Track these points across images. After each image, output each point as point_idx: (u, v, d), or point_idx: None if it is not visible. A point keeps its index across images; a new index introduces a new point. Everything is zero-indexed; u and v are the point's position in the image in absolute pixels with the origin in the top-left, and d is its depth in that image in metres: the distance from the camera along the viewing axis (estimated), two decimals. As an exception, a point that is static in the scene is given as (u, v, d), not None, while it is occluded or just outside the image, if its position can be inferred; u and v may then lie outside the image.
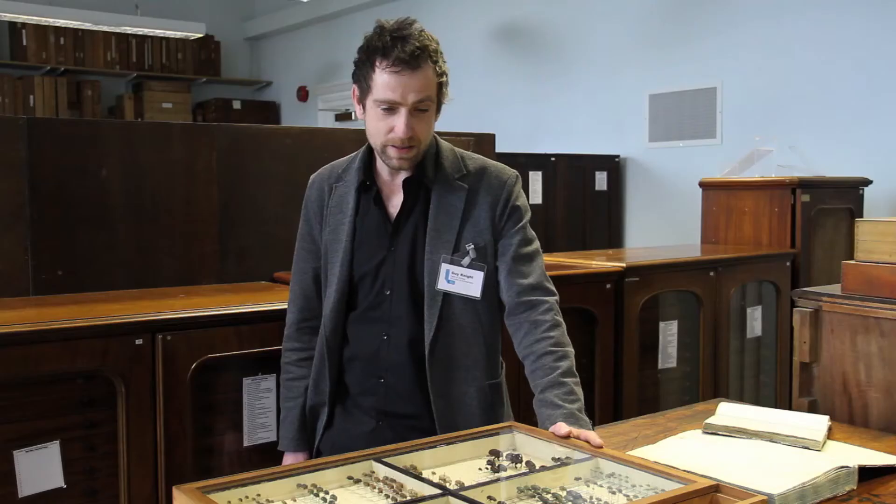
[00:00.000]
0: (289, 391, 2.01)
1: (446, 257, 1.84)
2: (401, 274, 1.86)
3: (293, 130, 3.34)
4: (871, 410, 1.99)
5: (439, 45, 1.82)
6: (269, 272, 2.97)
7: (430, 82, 1.78)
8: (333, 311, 1.89)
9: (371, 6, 7.62)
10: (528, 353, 1.82)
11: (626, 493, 1.39)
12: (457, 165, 1.90)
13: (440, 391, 1.84)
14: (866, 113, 4.53)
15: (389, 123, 1.78)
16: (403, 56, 1.73)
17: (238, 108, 8.94)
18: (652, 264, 3.30)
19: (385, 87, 1.75)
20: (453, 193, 1.87)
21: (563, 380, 1.74)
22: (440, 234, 1.85)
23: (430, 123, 1.83)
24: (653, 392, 3.34)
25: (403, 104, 1.76)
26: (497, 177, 1.91)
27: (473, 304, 1.85)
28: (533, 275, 1.87)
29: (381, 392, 1.88)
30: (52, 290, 2.68)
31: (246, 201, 3.13)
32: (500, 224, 1.88)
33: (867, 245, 2.02)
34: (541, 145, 6.06)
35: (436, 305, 1.83)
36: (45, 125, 2.87)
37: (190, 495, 1.26)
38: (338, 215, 1.92)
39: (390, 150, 1.81)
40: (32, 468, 1.91)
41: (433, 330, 1.83)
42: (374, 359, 1.88)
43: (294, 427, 1.99)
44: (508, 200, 1.89)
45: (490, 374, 1.91)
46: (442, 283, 1.83)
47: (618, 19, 5.79)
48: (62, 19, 7.02)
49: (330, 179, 1.96)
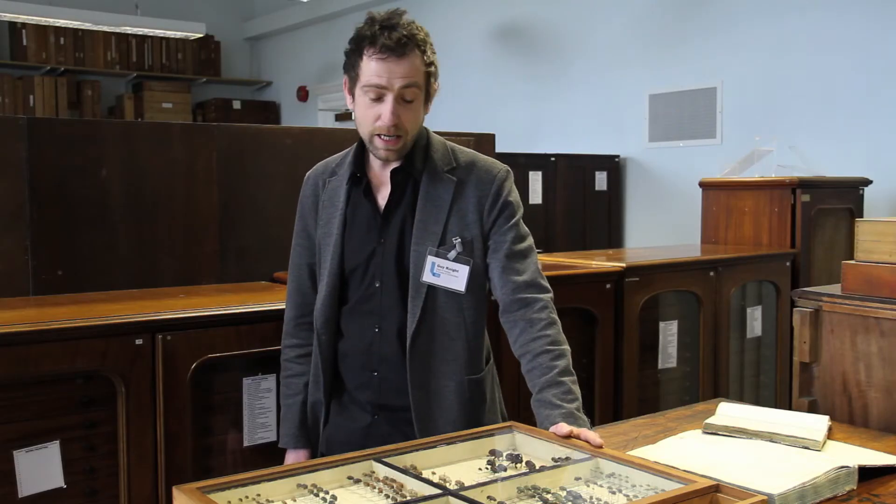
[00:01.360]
0: (288, 388, 2.02)
1: (432, 249, 1.83)
2: (389, 266, 1.86)
3: (293, 130, 3.34)
4: (871, 410, 1.99)
5: (429, 36, 1.83)
6: (269, 272, 2.97)
7: (416, 70, 1.79)
8: (324, 305, 1.90)
9: (371, 6, 7.62)
10: (524, 351, 1.81)
11: (626, 493, 1.39)
12: (447, 158, 1.90)
13: (418, 383, 1.84)
14: (866, 113, 4.53)
15: (376, 111, 1.79)
16: (390, 43, 1.75)
17: (238, 108, 8.94)
18: (652, 264, 3.30)
19: (372, 73, 1.77)
20: (441, 185, 1.87)
21: (561, 379, 1.74)
22: (427, 225, 1.85)
23: (416, 113, 1.83)
24: (653, 392, 3.34)
25: (389, 90, 1.77)
26: (487, 171, 1.90)
27: (458, 299, 1.85)
28: (527, 272, 1.87)
29: (376, 386, 1.88)
30: (52, 290, 2.68)
31: (246, 201, 3.13)
32: (488, 219, 1.87)
33: (867, 245, 2.02)
34: (541, 145, 6.06)
35: (419, 297, 1.83)
36: (45, 125, 2.87)
37: (190, 495, 1.26)
38: (329, 209, 1.93)
39: (377, 141, 1.82)
40: (32, 468, 1.91)
41: (415, 322, 1.82)
42: (368, 352, 1.88)
43: (294, 424, 1.99)
44: (499, 195, 1.88)
45: (471, 369, 1.90)
46: (427, 275, 1.83)
47: (618, 19, 5.79)
48: (62, 19, 7.02)
49: (324, 175, 1.98)
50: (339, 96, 8.44)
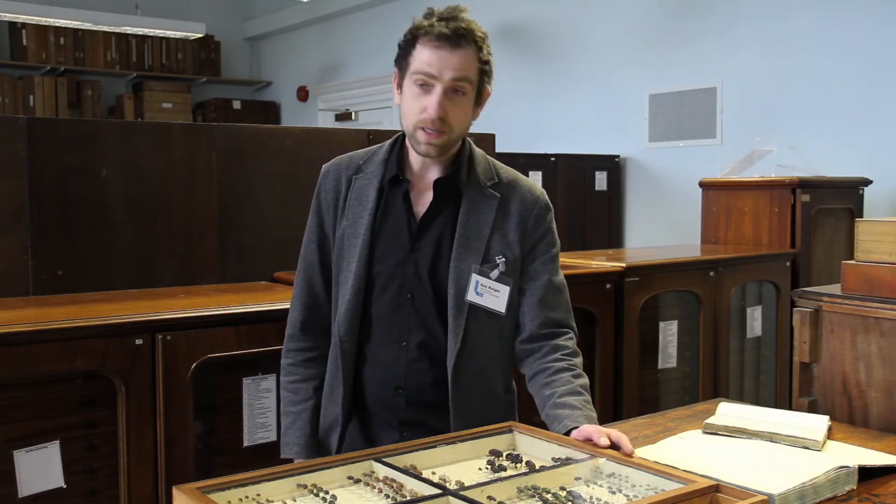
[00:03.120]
0: (296, 394, 1.87)
1: (476, 267, 1.75)
2: (423, 278, 1.76)
3: (293, 130, 3.35)
4: (871, 410, 1.99)
5: (488, 37, 1.77)
6: (269, 272, 2.97)
7: (470, 64, 1.71)
8: (349, 311, 1.78)
9: (371, 6, 7.63)
10: (543, 368, 1.75)
11: (626, 493, 1.39)
12: (489, 173, 1.82)
13: (460, 405, 1.75)
14: (866, 113, 4.53)
15: (423, 103, 1.70)
16: (446, 32, 1.68)
17: (238, 108, 8.94)
18: (652, 264, 3.30)
19: (423, 61, 1.69)
20: (485, 201, 1.79)
21: (582, 391, 1.70)
22: (469, 240, 1.76)
23: (465, 110, 1.74)
24: (653, 392, 3.34)
25: (439, 80, 1.69)
26: (530, 191, 1.83)
27: (497, 319, 1.78)
28: (560, 308, 1.82)
29: (401, 403, 1.78)
30: (52, 290, 2.68)
31: (246, 201, 3.13)
32: (528, 242, 1.80)
33: (867, 245, 2.02)
34: (541, 145, 6.06)
35: (461, 317, 1.74)
36: (45, 125, 2.88)
37: (190, 495, 1.26)
38: (357, 208, 1.80)
39: (419, 134, 1.72)
40: (32, 468, 1.91)
41: (458, 343, 1.73)
42: (393, 367, 1.77)
43: (305, 432, 1.84)
44: (542, 220, 1.82)
45: (507, 390, 1.86)
46: (471, 294, 1.74)
47: (618, 19, 5.79)
48: (62, 19, 7.02)
49: (349, 170, 1.85)
50: (339, 96, 8.44)
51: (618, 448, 1.50)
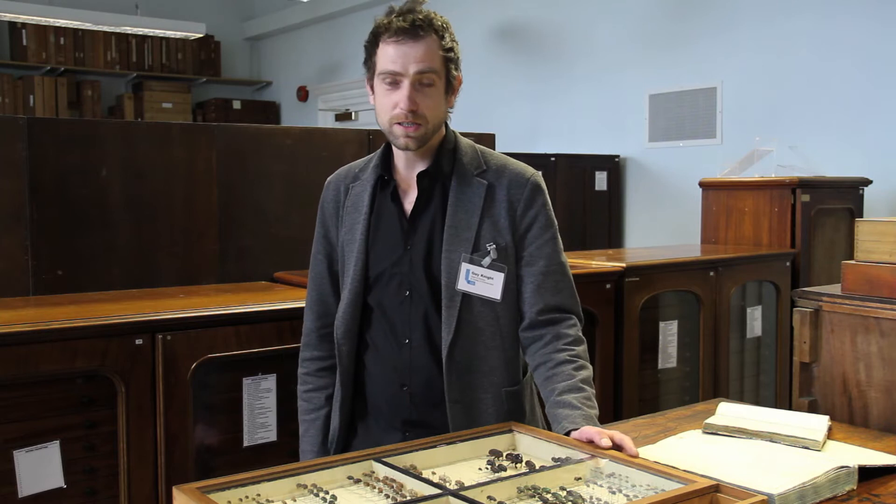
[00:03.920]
0: (309, 402, 1.91)
1: (466, 256, 1.75)
2: (418, 273, 1.78)
3: (293, 130, 3.34)
4: (871, 410, 1.99)
5: (450, 25, 1.77)
6: (269, 272, 2.97)
7: (433, 54, 1.72)
8: (346, 314, 1.81)
9: (371, 6, 7.62)
10: (544, 360, 1.74)
11: (626, 493, 1.39)
12: (476, 161, 1.82)
13: (456, 397, 1.75)
14: (866, 113, 4.53)
15: (394, 99, 1.72)
16: (404, 25, 1.70)
17: (238, 108, 8.94)
18: (652, 264, 3.30)
19: (387, 59, 1.72)
20: (472, 189, 1.79)
21: (583, 386, 1.69)
22: (458, 231, 1.76)
23: (436, 100, 1.75)
24: (653, 392, 3.34)
25: (405, 75, 1.71)
26: (519, 174, 1.82)
27: (492, 307, 1.77)
28: (562, 292, 1.80)
29: (406, 401, 1.78)
30: (52, 290, 2.68)
31: (246, 201, 3.13)
32: (521, 225, 1.79)
33: (867, 245, 2.02)
34: (541, 145, 6.06)
35: (454, 307, 1.74)
36: (45, 125, 2.87)
37: (190, 495, 1.26)
38: (353, 214, 1.85)
39: (396, 129, 1.74)
40: (32, 468, 1.91)
41: (451, 333, 1.74)
42: (397, 365, 1.79)
43: (318, 441, 1.89)
44: (532, 201, 1.80)
45: (508, 381, 1.82)
46: (462, 283, 1.75)
47: (618, 19, 5.79)
48: (62, 19, 7.02)
49: (346, 180, 1.89)
50: (338, 96, 8.44)
51: (621, 450, 1.50)
